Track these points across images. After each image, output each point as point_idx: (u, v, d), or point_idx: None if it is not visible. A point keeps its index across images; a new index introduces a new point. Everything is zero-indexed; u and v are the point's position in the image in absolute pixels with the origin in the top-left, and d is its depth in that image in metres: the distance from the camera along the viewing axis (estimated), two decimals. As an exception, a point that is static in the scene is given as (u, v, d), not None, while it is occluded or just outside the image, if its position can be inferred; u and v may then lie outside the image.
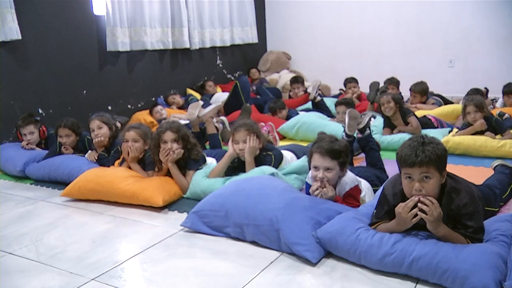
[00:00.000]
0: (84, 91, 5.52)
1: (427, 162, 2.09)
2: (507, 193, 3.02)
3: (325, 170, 2.68)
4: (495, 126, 4.33)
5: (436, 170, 2.12)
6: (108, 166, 3.80)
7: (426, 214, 2.09)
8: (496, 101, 5.82)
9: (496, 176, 3.13)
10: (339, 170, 2.70)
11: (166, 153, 3.36)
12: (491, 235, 2.24)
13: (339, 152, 2.67)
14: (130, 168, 3.59)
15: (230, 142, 3.44)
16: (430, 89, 6.37)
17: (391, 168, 3.25)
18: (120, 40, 5.69)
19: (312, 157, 2.73)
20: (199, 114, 4.24)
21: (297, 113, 5.49)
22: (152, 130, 4.24)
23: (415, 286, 2.11)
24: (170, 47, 6.52)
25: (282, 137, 5.12)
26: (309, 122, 5.03)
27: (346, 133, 3.52)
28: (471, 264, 1.98)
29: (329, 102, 5.96)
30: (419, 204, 2.11)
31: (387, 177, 3.29)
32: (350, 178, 2.77)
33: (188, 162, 3.46)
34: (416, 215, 2.12)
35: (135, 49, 6.00)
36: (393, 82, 6.25)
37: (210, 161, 3.63)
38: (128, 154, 3.57)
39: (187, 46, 6.77)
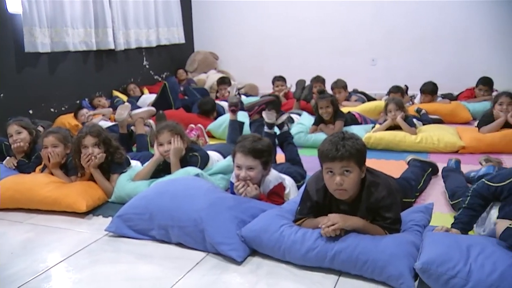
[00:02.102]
0: (1, 95, 5.26)
1: (348, 156, 2.16)
2: (421, 184, 3.22)
3: (247, 169, 2.71)
4: (408, 124, 4.56)
5: (356, 164, 2.20)
6: (29, 173, 3.65)
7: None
8: (415, 98, 6.10)
9: (411, 169, 3.33)
10: (262, 169, 2.74)
11: (87, 158, 3.28)
12: (407, 225, 2.36)
13: (262, 152, 2.71)
14: (52, 174, 3.47)
15: (155, 145, 3.40)
16: (354, 87, 6.60)
17: (316, 165, 3.32)
18: (40, 41, 5.46)
19: (235, 156, 2.76)
20: (131, 113, 4.16)
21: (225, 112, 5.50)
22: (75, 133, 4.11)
23: (338, 278, 2.18)
24: (94, 48, 6.33)
25: (211, 136, 5.10)
26: (235, 121, 5.02)
27: (267, 123, 3.57)
28: (388, 254, 2.09)
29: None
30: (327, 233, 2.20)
31: (305, 172, 3.40)
32: (274, 176, 2.81)
33: (112, 166, 3.39)
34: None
35: (56, 50, 5.77)
36: (320, 80, 6.41)
37: (135, 163, 3.58)
38: (49, 160, 3.45)
39: (112, 47, 6.60)
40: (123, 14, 6.86)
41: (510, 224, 2.06)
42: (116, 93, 6.81)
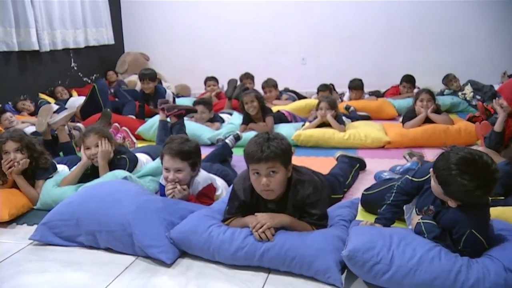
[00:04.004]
0: None
1: (273, 157, 2.19)
2: (349, 179, 3.32)
3: (175, 171, 2.70)
4: (338, 121, 4.68)
5: (281, 164, 2.23)
6: None
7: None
8: (344, 95, 6.28)
9: (339, 165, 3.42)
10: (191, 170, 2.74)
11: (9, 164, 3.13)
12: (334, 220, 2.43)
13: (189, 153, 2.71)
14: (-30, 183, 3.30)
15: (82, 150, 3.31)
16: (285, 85, 6.71)
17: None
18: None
19: (163, 158, 2.74)
20: (49, 122, 3.97)
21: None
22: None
23: (268, 276, 2.21)
24: (16, 48, 6.03)
25: (141, 139, 5.02)
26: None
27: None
28: (315, 250, 2.14)
29: (188, 102, 5.99)
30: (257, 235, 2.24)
31: (233, 170, 3.43)
32: (202, 177, 2.81)
33: (36, 172, 3.25)
34: None
35: (-28, 51, 5.50)
36: (249, 77, 6.50)
37: (62, 168, 3.46)
38: (-32, 168, 3.28)
39: (36, 48, 6.33)
40: (48, 14, 6.60)
41: (419, 220, 2.20)
42: (43, 96, 6.55)
